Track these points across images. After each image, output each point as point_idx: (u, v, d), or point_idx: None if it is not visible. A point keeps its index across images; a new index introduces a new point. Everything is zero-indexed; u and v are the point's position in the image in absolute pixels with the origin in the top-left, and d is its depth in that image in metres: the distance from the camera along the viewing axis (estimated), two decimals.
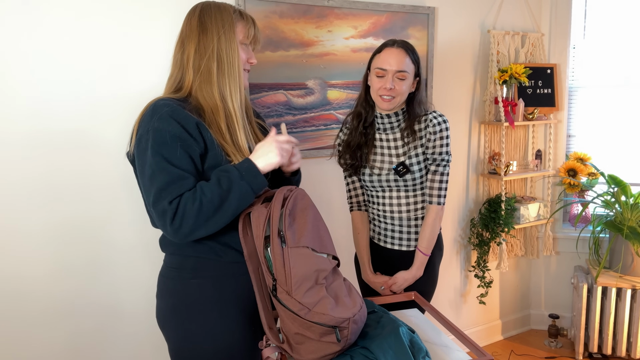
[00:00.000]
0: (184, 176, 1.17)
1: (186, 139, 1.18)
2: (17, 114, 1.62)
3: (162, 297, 1.33)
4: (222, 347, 1.27)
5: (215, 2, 1.32)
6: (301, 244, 1.16)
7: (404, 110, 1.72)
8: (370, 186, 1.78)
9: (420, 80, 1.71)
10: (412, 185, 1.71)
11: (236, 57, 1.28)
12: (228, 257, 1.28)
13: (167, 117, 1.18)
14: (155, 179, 1.17)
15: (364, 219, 1.84)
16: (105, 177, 1.77)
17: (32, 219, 1.67)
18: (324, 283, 1.16)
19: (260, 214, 1.18)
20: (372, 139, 1.76)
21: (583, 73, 2.91)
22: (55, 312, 1.75)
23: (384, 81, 1.64)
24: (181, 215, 1.15)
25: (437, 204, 1.70)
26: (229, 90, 1.27)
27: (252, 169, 1.19)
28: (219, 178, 1.17)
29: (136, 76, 1.78)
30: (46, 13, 1.62)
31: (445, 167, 1.69)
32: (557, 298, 3.08)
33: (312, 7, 2.12)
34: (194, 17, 1.29)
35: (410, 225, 1.75)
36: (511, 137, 2.85)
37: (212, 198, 1.15)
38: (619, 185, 2.59)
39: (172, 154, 1.17)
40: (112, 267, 1.83)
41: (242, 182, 1.17)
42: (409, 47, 1.67)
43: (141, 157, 1.21)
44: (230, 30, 1.27)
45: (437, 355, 1.29)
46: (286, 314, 1.14)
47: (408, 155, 1.69)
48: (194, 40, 1.27)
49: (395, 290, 1.72)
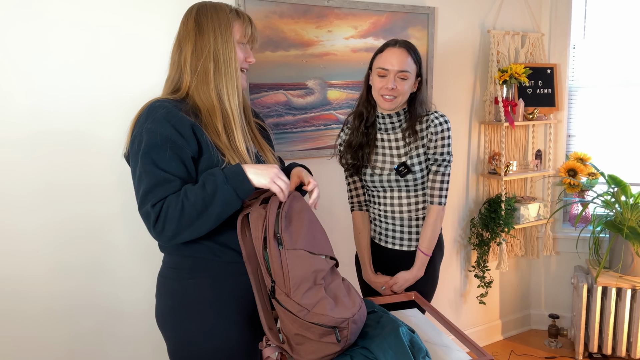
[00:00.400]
0: (170, 179, 1.17)
1: (178, 142, 1.18)
2: (17, 114, 1.62)
3: (161, 297, 1.33)
4: (221, 347, 1.27)
5: (211, 2, 1.31)
6: (298, 246, 1.16)
7: (405, 110, 1.72)
8: (371, 186, 1.78)
9: (422, 80, 1.71)
10: (414, 186, 1.71)
11: (233, 56, 1.28)
12: (226, 257, 1.28)
13: (161, 119, 1.18)
14: (142, 181, 1.17)
15: (365, 219, 1.84)
16: (104, 178, 1.77)
17: (31, 219, 1.67)
18: (322, 283, 1.16)
19: (258, 215, 1.18)
20: (373, 139, 1.76)
21: (583, 73, 2.91)
22: (55, 312, 1.75)
23: (385, 81, 1.64)
24: (163, 219, 1.15)
25: (439, 204, 1.70)
26: (226, 90, 1.27)
27: (239, 174, 1.17)
28: (204, 181, 1.17)
29: (136, 77, 1.78)
30: (46, 10, 1.62)
31: (446, 167, 1.69)
32: (557, 298, 3.08)
33: (312, 7, 2.12)
34: (191, 18, 1.28)
35: (411, 225, 1.75)
36: (511, 137, 2.85)
37: (195, 201, 1.14)
38: (619, 185, 2.59)
39: (161, 157, 1.17)
40: (112, 267, 1.83)
41: (226, 187, 1.15)
42: (411, 47, 1.67)
43: (133, 158, 1.21)
44: (227, 29, 1.27)
45: (437, 355, 1.29)
46: (286, 315, 1.14)
47: (409, 156, 1.69)
48: (190, 41, 1.27)
49: (396, 290, 1.72)
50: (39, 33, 1.61)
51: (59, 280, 1.74)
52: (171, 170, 1.17)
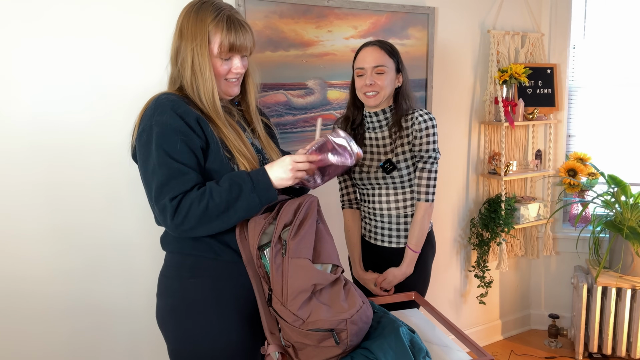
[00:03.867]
0: (185, 171, 1.17)
1: (187, 133, 1.18)
2: (18, 115, 1.61)
3: (161, 296, 1.34)
4: (221, 347, 1.27)
5: (198, 5, 1.27)
6: (302, 255, 1.15)
7: (391, 107, 1.76)
8: (360, 184, 1.81)
9: (403, 74, 1.74)
10: (400, 183, 1.73)
11: (208, 72, 1.25)
12: (226, 256, 1.28)
13: (169, 110, 1.18)
14: (156, 174, 1.17)
15: (355, 217, 1.87)
16: (106, 177, 1.76)
17: (31, 219, 1.67)
18: (319, 296, 1.16)
19: (257, 224, 1.19)
20: (361, 137, 1.80)
21: (583, 73, 2.91)
22: (55, 312, 1.74)
23: (364, 79, 1.69)
24: (184, 213, 1.15)
25: (426, 201, 1.72)
26: (205, 96, 1.26)
27: (264, 183, 1.19)
28: (230, 185, 1.17)
29: (138, 78, 1.78)
30: (47, 8, 1.62)
31: (432, 164, 1.71)
32: (557, 298, 3.08)
33: (312, 7, 2.12)
34: (179, 22, 1.29)
35: (399, 222, 1.77)
36: (511, 137, 2.85)
37: (219, 203, 1.15)
38: (619, 185, 2.59)
39: (173, 148, 1.17)
40: (113, 267, 1.83)
41: (252, 195, 1.17)
42: (384, 44, 1.72)
43: (142, 151, 1.21)
44: (203, 44, 1.24)
45: (437, 355, 1.29)
46: (283, 323, 1.14)
47: (395, 153, 1.72)
48: (175, 45, 1.29)
49: (386, 286, 1.74)
50: (39, 33, 1.61)
51: (59, 280, 1.73)
52: (184, 160, 1.17)
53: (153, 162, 1.17)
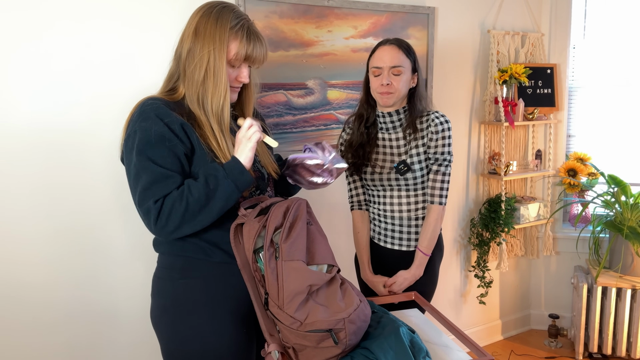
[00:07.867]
0: (169, 175, 1.18)
1: (171, 139, 1.19)
2: (16, 117, 1.61)
3: (154, 297, 1.35)
4: (212, 347, 1.28)
5: (218, 8, 1.27)
6: (295, 257, 1.15)
7: (405, 108, 1.73)
8: (371, 185, 1.78)
9: (419, 75, 1.72)
10: (413, 185, 1.71)
11: (222, 75, 1.25)
12: (216, 257, 1.28)
13: (153, 116, 1.19)
14: (139, 179, 1.18)
15: (364, 218, 1.84)
16: (102, 180, 1.76)
17: (28, 223, 1.67)
18: (316, 297, 1.16)
19: (251, 227, 1.19)
20: (374, 137, 1.77)
21: (583, 73, 2.91)
22: (53, 317, 1.74)
23: (380, 78, 1.66)
24: (167, 214, 1.16)
25: (439, 204, 1.70)
26: (210, 101, 1.25)
27: (236, 167, 1.20)
28: (206, 177, 1.19)
29: (138, 78, 1.78)
30: (47, 8, 1.62)
31: (447, 167, 1.69)
32: (557, 298, 3.08)
33: (312, 7, 2.12)
34: (194, 20, 1.27)
35: (410, 225, 1.75)
36: (511, 137, 2.85)
37: (199, 197, 1.16)
38: (619, 185, 2.59)
39: (157, 153, 1.18)
40: (110, 270, 1.82)
41: (227, 181, 1.18)
42: (402, 44, 1.69)
43: (128, 156, 1.22)
44: (221, 48, 1.24)
45: (437, 355, 1.29)
46: (281, 325, 1.14)
47: (409, 154, 1.70)
48: (187, 42, 1.27)
49: (395, 290, 1.72)
50: (38, 33, 1.61)
51: (58, 280, 1.73)
52: (167, 166, 1.18)
53: (137, 168, 1.19)
